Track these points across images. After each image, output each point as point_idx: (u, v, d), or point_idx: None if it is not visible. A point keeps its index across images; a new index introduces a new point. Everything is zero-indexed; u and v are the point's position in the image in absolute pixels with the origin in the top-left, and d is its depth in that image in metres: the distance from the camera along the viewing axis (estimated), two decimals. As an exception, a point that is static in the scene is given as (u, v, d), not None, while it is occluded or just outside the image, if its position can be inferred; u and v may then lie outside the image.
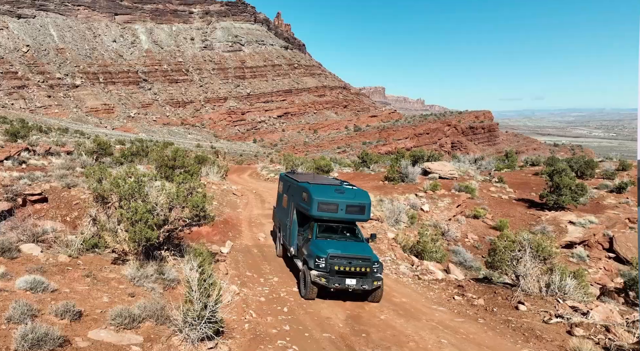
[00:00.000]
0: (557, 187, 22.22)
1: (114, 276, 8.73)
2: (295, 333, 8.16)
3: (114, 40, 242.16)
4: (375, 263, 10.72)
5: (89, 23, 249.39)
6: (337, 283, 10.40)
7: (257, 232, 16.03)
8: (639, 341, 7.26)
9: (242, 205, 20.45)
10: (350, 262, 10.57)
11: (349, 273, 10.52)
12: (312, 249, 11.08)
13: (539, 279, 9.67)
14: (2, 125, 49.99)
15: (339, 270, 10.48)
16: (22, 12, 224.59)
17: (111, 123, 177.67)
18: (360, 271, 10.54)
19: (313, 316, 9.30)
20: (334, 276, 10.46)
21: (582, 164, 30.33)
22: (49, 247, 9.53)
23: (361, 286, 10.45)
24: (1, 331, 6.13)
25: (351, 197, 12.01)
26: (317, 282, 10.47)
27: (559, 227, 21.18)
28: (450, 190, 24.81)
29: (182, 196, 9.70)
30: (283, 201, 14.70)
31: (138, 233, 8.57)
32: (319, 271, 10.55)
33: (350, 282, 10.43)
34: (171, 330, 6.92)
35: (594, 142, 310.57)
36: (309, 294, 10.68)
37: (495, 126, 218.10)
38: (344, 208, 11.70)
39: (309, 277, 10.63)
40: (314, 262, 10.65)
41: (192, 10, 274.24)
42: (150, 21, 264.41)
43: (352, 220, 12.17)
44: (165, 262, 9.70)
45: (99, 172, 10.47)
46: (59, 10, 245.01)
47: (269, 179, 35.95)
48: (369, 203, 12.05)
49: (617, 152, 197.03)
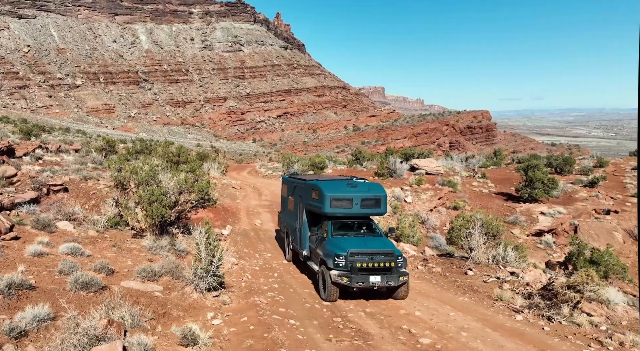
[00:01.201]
0: (531, 181, 24.16)
1: (135, 247, 10.66)
2: (282, 289, 10.15)
3: (114, 40, 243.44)
4: (399, 258, 10.14)
5: (89, 23, 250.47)
6: (361, 282, 9.74)
7: (254, 219, 17.98)
8: (543, 287, 9.22)
9: (241, 197, 22.38)
10: (373, 257, 9.95)
11: (372, 270, 9.88)
12: (329, 248, 10.45)
13: (487, 251, 11.62)
14: (7, 125, 51.79)
15: (361, 267, 9.81)
16: (23, 12, 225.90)
17: (112, 123, 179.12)
18: (384, 267, 9.90)
19: (298, 280, 11.28)
20: (357, 274, 9.79)
21: (561, 161, 32.27)
22: (79, 224, 11.47)
23: (387, 282, 9.82)
24: (56, 279, 8.05)
25: (365, 190, 11.42)
26: (339, 282, 9.81)
27: (531, 217, 23.09)
28: (434, 184, 26.71)
29: (189, 182, 11.63)
30: (289, 204, 14.16)
31: (155, 211, 10.49)
32: (339, 271, 9.90)
33: (375, 279, 9.79)
34: (184, 282, 8.85)
35: (593, 141, 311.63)
36: (330, 296, 10.01)
37: (493, 126, 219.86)
38: (359, 202, 11.10)
39: (329, 278, 9.96)
40: (332, 261, 10.01)
41: (192, 11, 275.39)
42: (150, 21, 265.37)
43: (367, 215, 11.56)
44: (176, 237, 11.61)
45: (119, 163, 12.39)
46: (59, 11, 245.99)
47: (267, 176, 37.88)
48: (384, 195, 11.47)
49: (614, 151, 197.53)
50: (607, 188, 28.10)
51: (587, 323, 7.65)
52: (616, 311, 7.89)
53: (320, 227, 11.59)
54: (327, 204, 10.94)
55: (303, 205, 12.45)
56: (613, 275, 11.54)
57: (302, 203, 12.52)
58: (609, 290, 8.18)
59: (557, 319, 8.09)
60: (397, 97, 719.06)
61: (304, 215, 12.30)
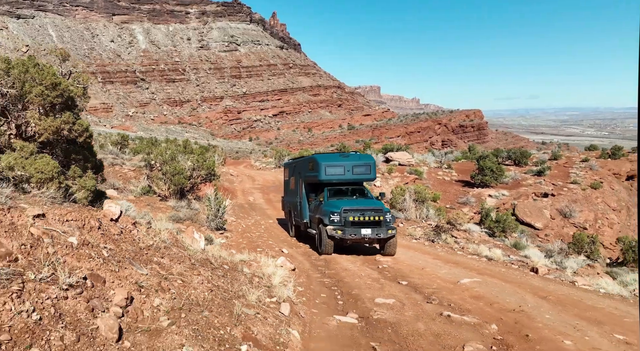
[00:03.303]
0: (482, 169, 28.64)
1: (163, 206, 15.01)
2: (266, 232, 14.69)
3: (111, 40, 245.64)
4: (387, 214, 11.25)
5: (87, 23, 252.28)
6: (353, 234, 10.86)
7: (248, 196, 22.42)
8: (436, 225, 13.71)
9: (237, 182, 26.78)
10: (364, 212, 11.09)
11: (363, 223, 10.98)
12: (326, 209, 11.60)
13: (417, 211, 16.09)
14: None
15: (353, 220, 10.96)
16: (21, 12, 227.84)
17: (110, 122, 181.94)
18: (373, 220, 11.01)
19: (278, 230, 15.84)
20: (349, 227, 10.94)
21: (518, 154, 36.84)
22: (120, 192, 15.79)
23: (376, 235, 10.93)
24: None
25: (356, 158, 12.69)
26: (334, 236, 10.95)
27: (480, 199, 27.55)
28: (404, 173, 31.17)
29: (200, 161, 15.97)
30: (290, 184, 15.49)
31: (177, 180, 14.82)
32: (334, 226, 11.03)
33: (366, 232, 10.89)
34: (199, 224, 13.20)
35: (585, 140, 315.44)
36: (325, 249, 11.15)
37: (484, 124, 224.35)
38: (350, 169, 12.22)
39: (325, 233, 11.10)
40: (328, 218, 11.15)
41: (189, 11, 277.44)
42: (147, 21, 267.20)
43: (359, 180, 12.75)
44: (191, 201, 15.94)
45: (148, 148, 16.74)
46: (57, 11, 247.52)
47: (261, 168, 42.26)
48: (373, 163, 12.68)
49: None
50: (553, 177, 32.66)
51: (452, 241, 12.16)
52: (473, 235, 12.41)
53: (317, 195, 12.90)
54: (322, 172, 12.20)
55: (302, 180, 13.76)
56: (509, 229, 16.04)
57: (302, 178, 13.84)
58: (470, 225, 12.71)
59: (436, 240, 12.69)
60: (392, 97, 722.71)
61: (303, 188, 13.61)
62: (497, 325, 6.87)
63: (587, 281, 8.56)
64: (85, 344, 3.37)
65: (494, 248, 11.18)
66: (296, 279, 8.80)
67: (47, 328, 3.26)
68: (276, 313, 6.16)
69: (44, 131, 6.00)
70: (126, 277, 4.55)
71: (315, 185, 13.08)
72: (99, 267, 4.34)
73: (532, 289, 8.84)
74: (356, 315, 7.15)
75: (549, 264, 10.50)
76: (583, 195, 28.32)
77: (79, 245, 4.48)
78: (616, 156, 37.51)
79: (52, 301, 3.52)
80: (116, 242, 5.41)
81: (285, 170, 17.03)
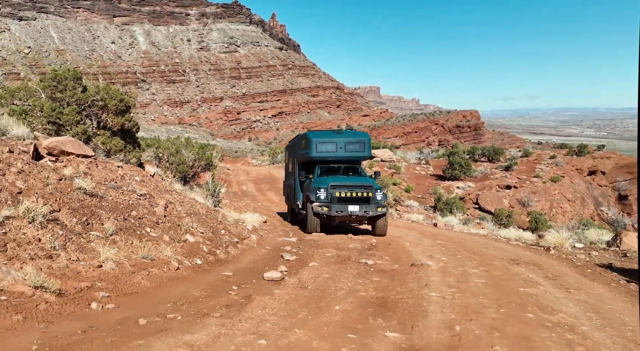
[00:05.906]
0: (452, 164, 32.04)
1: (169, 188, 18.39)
2: (255, 210, 18.01)
3: (112, 41, 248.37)
4: (378, 191, 10.41)
5: (88, 25, 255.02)
6: (340, 211, 10.10)
7: (241, 186, 25.82)
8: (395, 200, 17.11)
9: (233, 175, 30.18)
10: (352, 188, 10.31)
11: (351, 199, 10.22)
12: (313, 185, 10.83)
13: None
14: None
15: (340, 196, 10.19)
16: (23, 14, 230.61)
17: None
18: (362, 196, 10.25)
19: (267, 209, 19.13)
20: (336, 204, 10.14)
21: (491, 151, 40.29)
22: (135, 179, 19.22)
23: (364, 212, 10.16)
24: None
25: (350, 135, 11.93)
26: (319, 212, 10.20)
27: (449, 190, 30.94)
28: (384, 168, 34.55)
29: (200, 153, 19.33)
30: (289, 167, 14.74)
31: (181, 169, 18.19)
32: (320, 202, 10.24)
33: (353, 209, 10.11)
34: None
35: (584, 141, 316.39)
36: (311, 227, 10.48)
37: (480, 125, 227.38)
38: (343, 146, 11.39)
39: (311, 210, 10.38)
40: (315, 194, 10.36)
41: (189, 12, 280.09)
42: (147, 23, 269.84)
43: (353, 158, 11.84)
44: (192, 187, 19.28)
45: (157, 143, 20.07)
46: (59, 13, 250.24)
47: (257, 165, 45.69)
48: (368, 139, 11.75)
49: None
50: (520, 171, 36.07)
51: (394, 212, 15.62)
52: (412, 209, 15.93)
53: (309, 173, 12.02)
54: (313, 148, 11.41)
55: (297, 159, 12.99)
56: (456, 209, 19.49)
57: (296, 158, 13.07)
58: (411, 202, 16.22)
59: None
60: (392, 97, 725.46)
61: (297, 168, 12.83)
62: (377, 241, 10.58)
63: (461, 228, 12.12)
64: (151, 214, 7.65)
65: (418, 215, 14.73)
66: (266, 226, 12.56)
67: (135, 207, 7.54)
68: (244, 227, 10.72)
69: (115, 125, 9.84)
70: (162, 197, 8.82)
71: (308, 164, 12.29)
72: (150, 191, 8.52)
73: (423, 231, 13.18)
74: (296, 238, 10.75)
75: (456, 224, 14.12)
76: (543, 188, 31.70)
77: (140, 181, 8.65)
78: (582, 153, 40.96)
79: (134, 200, 7.87)
80: (155, 183, 9.64)
81: (285, 154, 16.47)
